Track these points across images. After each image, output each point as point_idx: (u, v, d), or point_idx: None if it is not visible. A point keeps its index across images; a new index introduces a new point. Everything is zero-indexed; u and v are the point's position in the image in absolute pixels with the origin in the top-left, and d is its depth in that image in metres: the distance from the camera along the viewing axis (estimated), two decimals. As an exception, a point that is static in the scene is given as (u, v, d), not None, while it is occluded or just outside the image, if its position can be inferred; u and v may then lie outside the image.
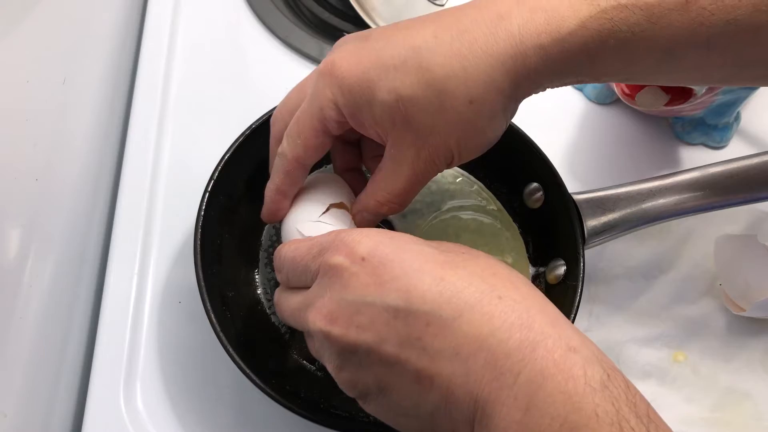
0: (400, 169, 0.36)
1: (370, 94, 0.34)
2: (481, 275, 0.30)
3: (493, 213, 0.49)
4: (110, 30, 0.57)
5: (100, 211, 0.52)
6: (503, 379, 0.27)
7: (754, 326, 0.49)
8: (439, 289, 0.29)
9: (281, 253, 0.36)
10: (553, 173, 0.47)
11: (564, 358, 0.27)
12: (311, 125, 0.36)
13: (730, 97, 0.54)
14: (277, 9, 0.61)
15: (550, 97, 0.46)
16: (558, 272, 0.45)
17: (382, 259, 0.30)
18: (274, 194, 0.39)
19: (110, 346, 0.45)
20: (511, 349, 0.27)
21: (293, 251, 0.34)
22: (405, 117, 0.33)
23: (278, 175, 0.38)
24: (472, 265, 0.31)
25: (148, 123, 0.54)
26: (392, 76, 0.33)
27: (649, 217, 0.45)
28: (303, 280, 0.33)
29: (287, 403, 0.38)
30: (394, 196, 0.37)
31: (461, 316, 0.28)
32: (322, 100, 0.35)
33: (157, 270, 0.48)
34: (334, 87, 0.34)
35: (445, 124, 0.34)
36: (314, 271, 0.32)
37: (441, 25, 0.34)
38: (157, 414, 0.43)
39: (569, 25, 0.32)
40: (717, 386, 0.47)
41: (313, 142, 0.36)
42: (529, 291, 0.30)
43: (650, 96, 0.50)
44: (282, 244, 0.37)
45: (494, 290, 0.29)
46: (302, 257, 0.33)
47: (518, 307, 0.29)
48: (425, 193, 0.49)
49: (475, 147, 0.36)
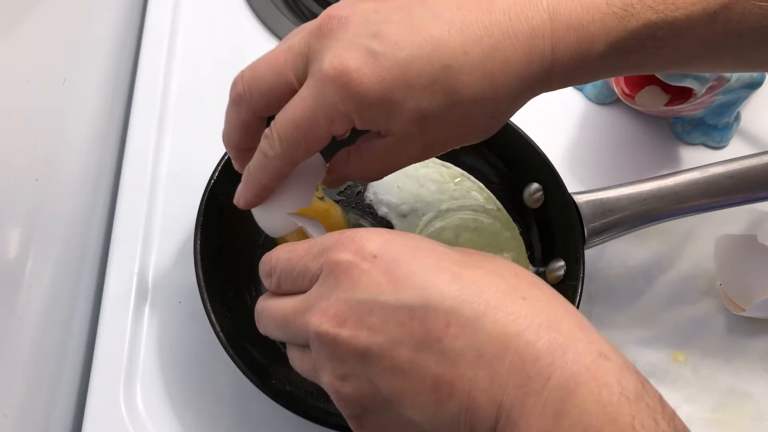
0: (400, 157, 0.34)
1: (391, 111, 0.31)
2: (502, 275, 0.28)
3: (493, 213, 0.49)
4: (110, 30, 0.57)
5: (100, 211, 0.52)
6: (531, 384, 0.25)
7: (755, 326, 0.49)
8: (458, 287, 0.27)
9: (273, 256, 0.33)
10: (553, 173, 0.47)
11: (596, 365, 0.25)
12: (318, 136, 0.32)
13: (730, 97, 0.54)
14: (277, 9, 0.61)
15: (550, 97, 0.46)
16: (558, 272, 0.45)
17: (395, 255, 0.28)
18: (259, 189, 0.35)
19: (110, 346, 0.45)
20: (541, 352, 0.25)
21: (288, 252, 0.32)
22: (422, 128, 0.32)
23: (266, 174, 0.35)
24: (490, 264, 0.29)
25: (148, 123, 0.54)
26: (419, 96, 0.31)
27: (649, 217, 0.45)
28: (299, 283, 0.31)
29: (287, 403, 0.38)
30: (381, 174, 0.36)
31: (484, 316, 0.26)
32: (333, 113, 0.31)
33: (157, 270, 0.48)
34: (348, 102, 0.31)
35: (459, 133, 0.33)
36: (315, 272, 0.30)
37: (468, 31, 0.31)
38: (157, 414, 0.43)
39: (598, 48, 0.32)
40: (717, 386, 0.47)
41: (316, 148, 0.34)
42: (552, 293, 0.28)
43: (650, 96, 0.51)
44: (274, 249, 0.34)
45: (517, 290, 0.27)
46: (300, 258, 0.31)
47: (545, 308, 0.27)
48: (425, 193, 0.49)
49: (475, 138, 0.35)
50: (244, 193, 0.36)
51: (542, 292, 0.28)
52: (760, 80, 0.53)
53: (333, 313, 0.28)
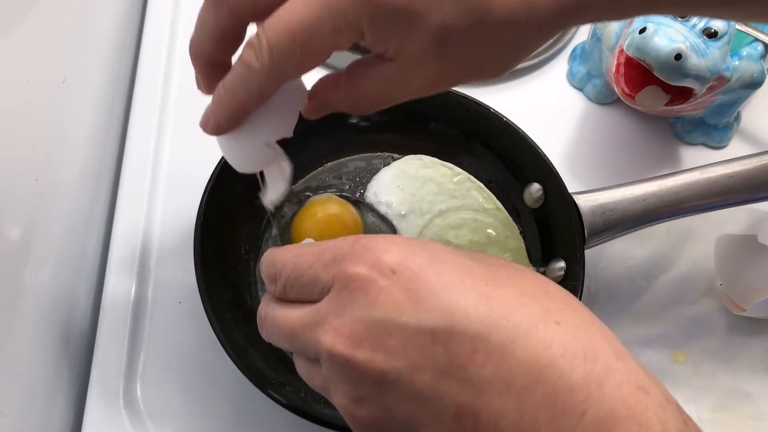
0: (403, 87, 0.30)
1: (409, 25, 0.27)
2: (533, 294, 0.26)
3: (492, 213, 0.49)
4: (110, 30, 0.57)
5: (100, 211, 0.52)
6: (564, 420, 0.23)
7: (755, 326, 0.49)
8: (486, 309, 0.24)
9: (278, 258, 0.30)
10: (553, 173, 0.47)
11: (635, 399, 0.23)
12: (317, 49, 0.28)
13: (730, 97, 0.54)
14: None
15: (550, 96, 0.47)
16: (558, 272, 0.45)
17: (416, 270, 0.26)
18: (235, 110, 0.30)
19: (110, 346, 0.45)
20: (575, 384, 0.23)
21: (296, 257, 0.29)
22: (439, 52, 0.28)
23: (246, 92, 0.29)
24: (519, 281, 0.27)
25: (148, 123, 0.54)
26: (445, 9, 0.27)
27: (649, 217, 0.45)
28: (307, 292, 0.28)
29: (287, 404, 0.38)
30: (374, 106, 0.31)
31: (514, 342, 0.24)
32: (340, 21, 0.27)
33: (157, 270, 0.48)
34: (362, 7, 0.27)
35: (476, 64, 0.29)
36: (326, 283, 0.27)
37: None
38: (157, 414, 0.43)
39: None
40: (717, 386, 0.47)
41: (311, 65, 0.29)
42: (587, 314, 0.26)
43: (650, 96, 0.50)
44: (277, 248, 0.31)
45: (550, 313, 0.25)
46: (309, 265, 0.28)
47: (580, 334, 0.24)
48: (426, 193, 0.49)
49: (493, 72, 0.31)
50: (214, 114, 0.30)
51: (576, 315, 0.26)
52: (761, 80, 0.53)
53: (347, 333, 0.26)
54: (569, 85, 0.60)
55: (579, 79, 0.60)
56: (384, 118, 0.50)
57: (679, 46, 0.46)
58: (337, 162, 0.51)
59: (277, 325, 0.29)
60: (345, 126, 0.50)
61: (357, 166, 0.51)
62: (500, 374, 0.24)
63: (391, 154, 0.51)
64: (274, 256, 0.30)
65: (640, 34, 0.47)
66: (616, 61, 0.51)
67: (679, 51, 0.46)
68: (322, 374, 0.27)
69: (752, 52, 0.52)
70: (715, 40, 0.48)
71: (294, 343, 0.29)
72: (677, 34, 0.47)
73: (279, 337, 0.30)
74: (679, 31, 0.47)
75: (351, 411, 0.26)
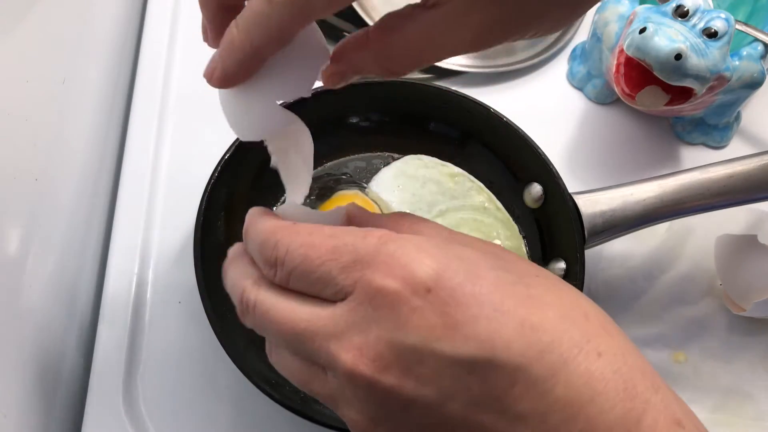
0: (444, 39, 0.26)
1: None
2: (573, 318, 0.24)
3: (492, 213, 0.49)
4: (110, 30, 0.57)
5: (99, 211, 0.52)
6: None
7: (755, 326, 0.49)
8: (528, 340, 0.23)
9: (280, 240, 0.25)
10: (553, 173, 0.47)
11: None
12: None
13: (730, 97, 0.54)
14: (277, 9, 0.61)
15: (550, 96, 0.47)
16: (558, 272, 0.45)
17: (454, 291, 0.23)
18: (248, 54, 0.26)
19: (110, 346, 0.45)
20: (614, 422, 0.22)
21: (306, 247, 0.25)
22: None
23: (262, 31, 0.25)
24: (557, 299, 0.25)
25: (148, 123, 0.54)
26: None
27: (650, 217, 0.45)
28: (317, 290, 0.25)
29: (287, 403, 0.38)
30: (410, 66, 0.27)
31: (555, 376, 0.23)
32: None
33: (156, 270, 0.48)
34: None
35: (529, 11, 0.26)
36: (343, 288, 0.24)
37: None
38: (157, 414, 0.43)
39: None
40: (718, 387, 0.47)
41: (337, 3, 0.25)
42: (623, 340, 0.25)
43: (650, 96, 0.50)
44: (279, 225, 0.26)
45: (590, 341, 0.24)
46: (322, 260, 0.24)
47: (620, 367, 0.23)
48: (426, 193, 0.49)
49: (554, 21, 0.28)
50: (223, 60, 0.26)
51: (615, 342, 0.24)
52: (761, 80, 0.53)
53: (373, 356, 0.23)
54: (569, 85, 0.60)
55: (579, 79, 0.60)
56: (384, 118, 0.50)
57: (679, 46, 0.46)
58: (337, 162, 0.51)
59: (274, 321, 0.26)
60: (345, 126, 0.50)
61: (357, 166, 0.51)
62: (537, 409, 0.23)
63: (391, 154, 0.51)
64: (277, 236, 0.26)
65: (640, 34, 0.47)
66: (616, 61, 0.51)
67: (679, 51, 0.46)
68: (330, 386, 0.25)
69: (752, 52, 0.52)
70: (715, 40, 0.48)
71: (295, 347, 0.26)
72: (677, 34, 0.47)
73: (275, 335, 0.26)
74: (679, 31, 0.47)
75: (364, 428, 0.25)
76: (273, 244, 0.26)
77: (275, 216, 0.28)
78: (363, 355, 0.23)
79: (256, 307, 0.26)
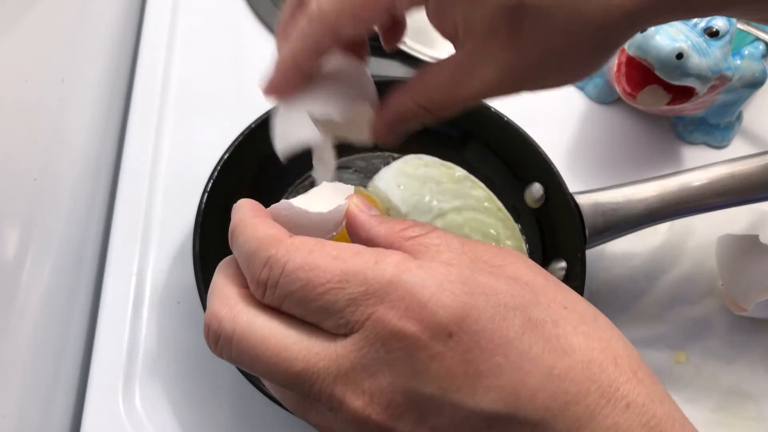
0: (472, 77, 0.27)
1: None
2: (602, 364, 0.22)
3: (493, 212, 0.49)
4: (109, 29, 0.57)
5: (98, 211, 0.51)
6: None
7: (756, 326, 0.49)
8: (553, 391, 0.21)
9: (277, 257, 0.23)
10: (554, 173, 0.47)
11: None
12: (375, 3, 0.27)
13: (731, 97, 0.54)
14: (276, 8, 0.61)
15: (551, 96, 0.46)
16: (559, 272, 0.45)
17: (478, 336, 0.21)
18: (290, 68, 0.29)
19: (109, 347, 0.44)
20: None
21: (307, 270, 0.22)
22: (511, 28, 0.26)
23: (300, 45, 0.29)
24: (585, 341, 0.23)
25: (147, 122, 0.53)
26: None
27: (651, 217, 0.45)
28: (316, 319, 0.22)
29: (287, 404, 0.38)
30: (450, 102, 0.28)
31: (579, 429, 0.21)
32: None
33: (156, 270, 0.48)
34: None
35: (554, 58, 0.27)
36: (348, 322, 0.22)
37: None
38: (156, 414, 0.43)
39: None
40: (719, 387, 0.47)
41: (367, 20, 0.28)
42: (652, 385, 0.23)
43: (652, 95, 0.50)
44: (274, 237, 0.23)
45: (619, 389, 0.22)
46: (326, 288, 0.22)
47: (649, 419, 0.22)
48: (426, 193, 0.49)
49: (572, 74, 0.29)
50: (273, 73, 0.30)
51: (645, 390, 0.23)
52: (762, 79, 0.53)
53: (386, 403, 0.21)
54: (570, 85, 0.60)
55: (580, 79, 0.59)
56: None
57: (681, 45, 0.46)
58: (338, 161, 0.51)
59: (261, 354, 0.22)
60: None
61: (357, 165, 0.51)
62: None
63: (391, 153, 0.51)
64: (270, 251, 0.23)
65: (641, 34, 0.47)
66: (617, 61, 0.51)
67: (681, 50, 0.46)
68: (330, 422, 0.23)
69: (754, 51, 0.52)
70: (717, 40, 0.48)
71: (291, 387, 0.23)
72: (678, 33, 0.47)
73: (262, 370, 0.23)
74: (681, 31, 0.47)
75: None
76: (264, 260, 0.23)
77: (268, 219, 0.25)
78: (373, 400, 0.21)
79: (235, 334, 0.23)
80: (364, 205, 0.26)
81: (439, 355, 0.21)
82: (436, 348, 0.21)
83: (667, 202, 0.45)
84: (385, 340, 0.21)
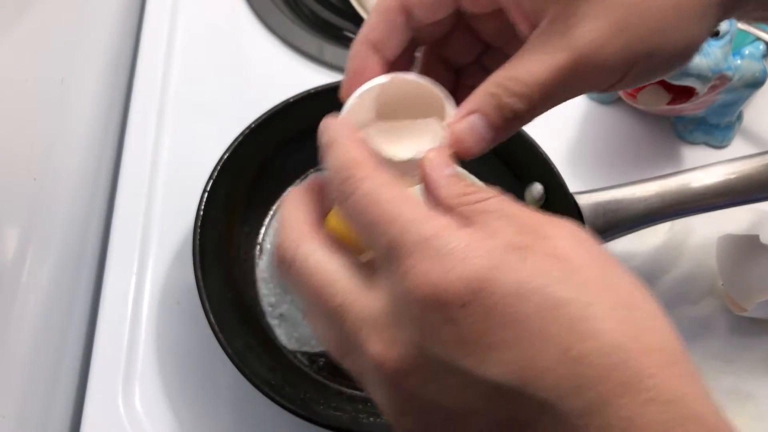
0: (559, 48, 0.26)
1: None
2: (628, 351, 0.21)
3: (493, 213, 0.49)
4: (109, 29, 0.57)
5: (98, 211, 0.51)
6: None
7: (756, 327, 0.49)
8: (564, 372, 0.21)
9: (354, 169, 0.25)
10: (554, 173, 0.46)
11: None
12: None
13: (732, 97, 0.54)
14: (276, 8, 0.61)
15: (551, 96, 0.45)
16: (559, 272, 0.45)
17: (490, 309, 0.21)
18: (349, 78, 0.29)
19: (109, 347, 0.44)
20: None
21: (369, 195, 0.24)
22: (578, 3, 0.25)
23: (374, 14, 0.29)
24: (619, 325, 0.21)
25: (147, 122, 0.53)
26: None
27: (651, 217, 0.45)
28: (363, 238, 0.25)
29: (287, 404, 0.38)
30: (537, 85, 0.27)
31: (590, 415, 0.20)
32: None
33: (155, 270, 0.48)
34: None
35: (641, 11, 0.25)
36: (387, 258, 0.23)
37: None
38: (156, 414, 0.43)
39: None
40: (719, 387, 0.47)
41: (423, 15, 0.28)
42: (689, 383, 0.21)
43: (652, 95, 0.50)
44: (360, 148, 0.26)
45: (642, 381, 0.20)
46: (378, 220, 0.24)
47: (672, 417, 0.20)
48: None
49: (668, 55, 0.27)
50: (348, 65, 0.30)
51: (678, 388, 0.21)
52: (763, 79, 0.53)
53: (402, 354, 0.23)
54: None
55: (580, 79, 0.59)
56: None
57: (681, 45, 0.46)
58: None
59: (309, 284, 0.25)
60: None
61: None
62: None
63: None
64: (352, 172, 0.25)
65: (641, 33, 0.47)
66: (617, 61, 0.51)
67: (681, 50, 0.45)
68: (361, 365, 0.24)
69: (754, 51, 0.52)
70: (717, 39, 0.48)
71: (326, 318, 0.25)
72: (679, 33, 0.47)
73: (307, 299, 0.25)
74: (681, 30, 0.47)
75: (391, 415, 0.24)
76: (346, 177, 0.25)
77: (360, 141, 0.26)
78: (391, 350, 0.23)
79: (293, 267, 0.26)
80: (439, 160, 0.28)
81: (451, 320, 0.21)
82: (449, 314, 0.21)
83: (667, 202, 0.45)
84: (407, 296, 0.22)
